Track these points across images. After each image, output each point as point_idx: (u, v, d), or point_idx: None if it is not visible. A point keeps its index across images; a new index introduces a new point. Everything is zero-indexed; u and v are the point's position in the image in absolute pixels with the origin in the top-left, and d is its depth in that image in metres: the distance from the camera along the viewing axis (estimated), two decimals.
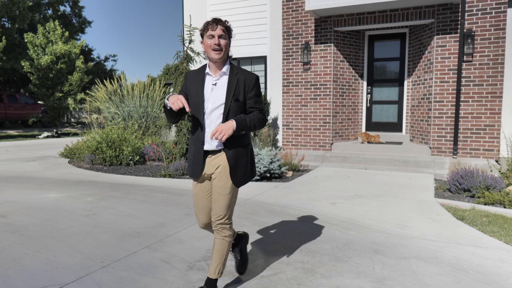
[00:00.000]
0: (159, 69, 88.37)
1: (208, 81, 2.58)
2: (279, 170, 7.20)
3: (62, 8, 29.87)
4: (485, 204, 5.35)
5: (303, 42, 9.44)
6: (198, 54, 9.38)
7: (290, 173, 7.63)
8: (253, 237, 3.90)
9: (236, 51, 11.24)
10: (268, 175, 7.11)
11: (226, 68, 2.58)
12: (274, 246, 3.64)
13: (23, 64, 17.53)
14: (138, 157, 9.09)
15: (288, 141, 9.82)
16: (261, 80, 11.09)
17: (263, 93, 10.16)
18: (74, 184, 6.68)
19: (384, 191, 6.05)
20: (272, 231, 4.07)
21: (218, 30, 2.50)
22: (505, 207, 5.17)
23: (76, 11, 30.77)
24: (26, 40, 17.89)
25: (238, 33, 11.15)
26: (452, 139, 8.09)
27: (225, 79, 2.54)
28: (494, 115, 7.73)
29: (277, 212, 4.82)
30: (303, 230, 4.12)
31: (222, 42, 2.51)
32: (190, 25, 9.37)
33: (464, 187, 5.95)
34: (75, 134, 19.52)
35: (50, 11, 29.12)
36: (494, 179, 5.89)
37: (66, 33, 18.25)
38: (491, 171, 6.55)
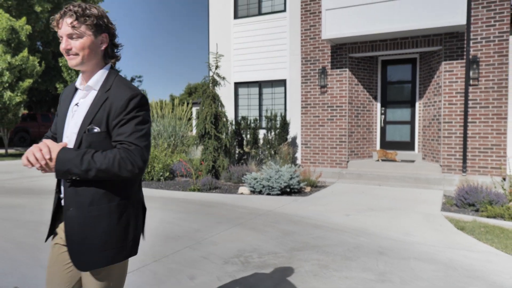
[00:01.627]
0: (181, 89, 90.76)
1: (75, 99, 1.76)
2: (298, 186, 7.87)
3: None
4: (487, 217, 5.87)
5: (320, 67, 10.20)
6: (224, 78, 10.25)
7: (308, 189, 8.28)
8: (277, 240, 4.57)
9: (257, 75, 12.11)
10: (288, 190, 7.78)
11: (96, 80, 1.71)
12: (295, 247, 4.30)
13: (57, 86, 18.81)
14: (168, 173, 9.91)
15: (306, 159, 10.48)
16: (281, 101, 11.88)
17: (281, 114, 10.90)
18: None
19: (395, 205, 6.63)
20: (292, 236, 4.73)
21: (65, 28, 1.66)
22: (504, 220, 5.68)
23: None
24: (60, 64, 19.24)
25: (260, 58, 12.03)
26: (461, 157, 8.61)
27: (91, 98, 1.69)
28: (500, 135, 8.25)
29: (296, 221, 5.49)
30: (319, 235, 4.77)
31: (75, 43, 1.66)
32: (217, 52, 10.27)
33: (469, 202, 6.48)
34: None
35: None
36: (497, 195, 6.40)
37: None
38: (495, 187, 7.04)
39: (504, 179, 8.07)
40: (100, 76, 1.73)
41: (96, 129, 1.63)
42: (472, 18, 8.48)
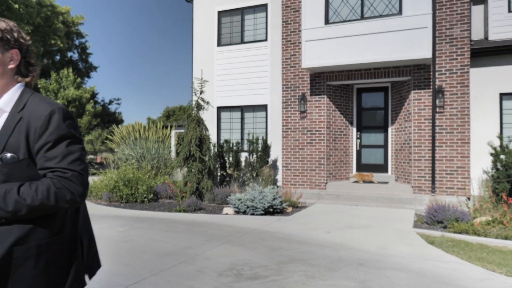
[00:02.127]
0: (159, 112, 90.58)
1: None
2: (280, 206, 8.27)
3: (70, 54, 31.73)
4: (454, 233, 6.42)
5: (300, 94, 10.81)
6: (208, 103, 10.69)
7: (290, 209, 8.69)
8: (266, 255, 4.92)
9: (240, 100, 12.62)
10: (271, 210, 8.16)
11: (6, 101, 1.48)
12: (283, 261, 4.66)
13: None
14: (152, 195, 10.11)
15: (287, 181, 10.92)
16: (262, 125, 12.39)
17: (262, 138, 11.37)
18: (101, 217, 7.66)
19: (371, 223, 7.11)
20: (279, 251, 5.09)
21: None
22: (469, 235, 6.24)
23: (84, 57, 32.64)
24: (39, 86, 19.25)
25: (242, 83, 12.57)
26: (430, 179, 9.27)
27: (1, 121, 1.46)
28: (464, 158, 8.97)
29: (281, 238, 5.86)
30: (304, 250, 5.15)
31: None
32: (202, 78, 10.74)
33: (437, 220, 7.05)
34: None
35: (58, 57, 30.91)
36: (462, 213, 7.00)
37: (78, 79, 19.69)
38: (460, 206, 7.66)
39: (469, 198, 8.74)
40: (11, 95, 1.48)
41: (10, 156, 1.36)
42: (437, 52, 9.33)
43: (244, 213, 8.20)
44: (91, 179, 15.07)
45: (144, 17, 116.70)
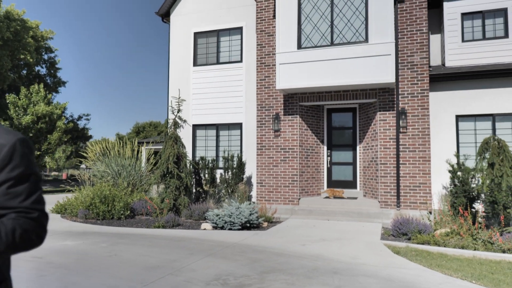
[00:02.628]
0: (128, 127, 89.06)
1: None
2: (257, 221, 8.63)
3: (37, 68, 31.09)
4: (417, 244, 7.00)
5: (274, 113, 11.34)
6: (185, 121, 11.00)
7: (265, 224, 9.06)
8: (248, 266, 5.27)
9: (215, 118, 13.01)
10: (248, 225, 8.51)
11: None
12: (264, 271, 5.02)
13: (2, 123, 18.34)
14: (128, 212, 10.21)
15: (261, 197, 11.32)
16: (237, 143, 12.79)
17: (237, 155, 11.75)
18: (81, 234, 7.74)
19: (343, 236, 7.60)
20: (260, 263, 5.45)
21: None
22: (430, 245, 6.84)
23: (52, 71, 32.06)
24: (8, 101, 18.87)
25: (218, 102, 12.99)
26: (396, 194, 9.94)
27: None
28: (425, 175, 9.72)
29: (260, 251, 6.22)
30: (283, 261, 5.53)
31: None
32: (179, 97, 11.07)
33: (402, 232, 7.63)
34: (52, 192, 20.00)
35: (25, 71, 30.23)
36: (424, 225, 7.62)
37: (50, 95, 19.46)
38: (423, 219, 8.31)
39: (430, 212, 9.44)
40: None
41: None
42: (399, 77, 10.15)
43: (222, 228, 8.50)
44: (64, 196, 14.84)
45: (115, 33, 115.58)
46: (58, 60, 29.80)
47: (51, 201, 14.28)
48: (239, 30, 13.11)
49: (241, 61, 12.94)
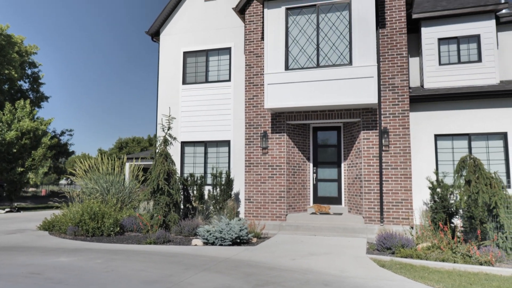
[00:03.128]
0: (110, 143, 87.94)
1: None
2: (247, 237, 8.86)
3: (20, 83, 30.74)
4: (401, 257, 7.36)
5: (262, 131, 11.69)
6: (175, 139, 11.23)
7: (254, 239, 9.29)
8: (243, 279, 5.50)
9: (204, 136, 13.28)
10: (238, 241, 8.72)
11: None
12: (258, 283, 5.26)
13: None
14: (118, 228, 10.27)
15: (249, 213, 11.56)
16: (225, 160, 13.06)
17: (226, 172, 11.98)
18: (73, 251, 7.81)
19: (330, 250, 7.91)
20: (254, 276, 5.69)
21: None
22: (413, 259, 7.21)
23: (35, 86, 31.76)
24: None
25: (206, 120, 13.28)
26: (379, 210, 10.35)
27: None
28: (407, 191, 10.19)
29: (253, 265, 6.46)
30: (275, 275, 5.79)
31: None
32: (169, 115, 11.32)
33: (386, 246, 7.99)
34: (34, 208, 19.70)
35: (6, 86, 29.83)
36: (407, 240, 8.01)
37: (35, 111, 19.36)
38: (405, 234, 8.71)
39: (412, 227, 9.85)
40: None
41: None
42: (382, 98, 10.69)
43: (213, 244, 8.69)
44: (49, 213, 14.70)
45: (103, 49, 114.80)
46: (42, 75, 29.62)
47: (36, 218, 14.16)
48: (227, 50, 13.53)
49: (229, 80, 13.32)
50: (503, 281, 5.68)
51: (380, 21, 11.03)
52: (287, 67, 11.07)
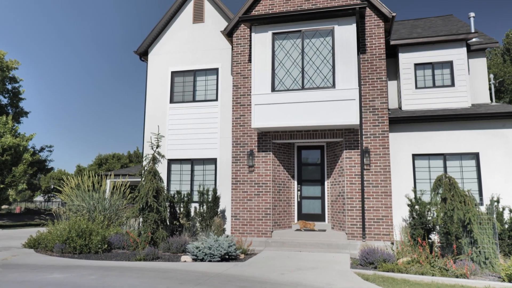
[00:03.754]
0: (90, 159, 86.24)
1: None
2: (235, 253, 9.11)
3: None
4: (383, 271, 7.76)
5: (249, 150, 12.06)
6: (163, 157, 11.45)
7: (242, 256, 9.54)
8: None
9: (190, 153, 13.53)
10: (227, 257, 8.96)
11: None
12: None
13: None
14: (106, 245, 10.32)
15: (236, 230, 11.80)
16: (211, 178, 13.32)
17: (213, 189, 12.23)
18: (65, 267, 7.87)
19: (316, 265, 8.24)
20: None
21: None
22: (394, 273, 7.62)
23: (15, 101, 31.27)
24: None
25: (193, 138, 13.56)
26: (361, 226, 10.78)
27: None
28: (387, 208, 10.68)
29: (244, 280, 6.72)
30: None
31: None
32: (158, 133, 11.57)
33: (369, 261, 8.39)
34: (13, 226, 19.28)
35: None
36: (388, 255, 8.44)
37: (17, 127, 19.18)
38: (386, 249, 9.14)
39: (393, 243, 10.33)
40: None
41: None
42: (363, 119, 11.27)
43: (202, 260, 8.89)
44: (32, 230, 14.51)
45: (84, 64, 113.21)
46: (23, 91, 29.26)
47: (18, 235, 13.96)
48: (215, 70, 13.97)
49: (216, 99, 13.72)
50: None
51: (361, 47, 11.71)
52: (273, 89, 11.55)
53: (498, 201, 9.98)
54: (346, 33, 11.21)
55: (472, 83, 13.04)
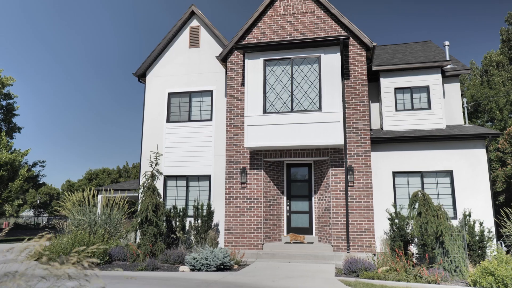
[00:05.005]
0: (80, 174, 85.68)
1: None
2: (229, 263, 9.87)
3: None
4: (364, 279, 8.61)
5: (241, 167, 12.91)
6: (161, 173, 12.23)
7: (236, 266, 10.29)
8: None
9: (186, 170, 14.31)
10: (222, 267, 9.71)
11: None
12: None
13: None
14: (107, 257, 10.97)
15: (229, 242, 12.54)
16: (205, 193, 14.09)
17: (207, 204, 13.01)
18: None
19: (304, 274, 9.05)
20: None
21: None
22: (374, 280, 8.47)
23: (8, 117, 31.65)
24: None
25: (188, 156, 14.36)
26: (346, 239, 11.65)
27: None
28: (370, 222, 11.59)
29: (240, 285, 7.50)
30: None
31: None
32: (157, 151, 12.36)
33: (352, 270, 9.24)
34: (8, 241, 19.62)
35: None
36: (369, 264, 9.30)
37: (12, 143, 19.71)
38: (368, 259, 10.00)
39: (374, 254, 11.20)
40: None
41: None
42: (347, 139, 12.25)
43: (199, 270, 9.62)
44: (28, 245, 14.99)
45: (75, 81, 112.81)
46: (17, 107, 29.74)
47: (17, 249, 14.44)
48: (209, 92, 14.88)
49: (211, 119, 14.59)
50: None
51: (345, 73, 12.78)
52: (265, 111, 12.50)
53: (469, 215, 10.98)
54: (331, 60, 12.28)
55: (447, 106, 14.19)
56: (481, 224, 11.02)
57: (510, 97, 26.97)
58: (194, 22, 15.56)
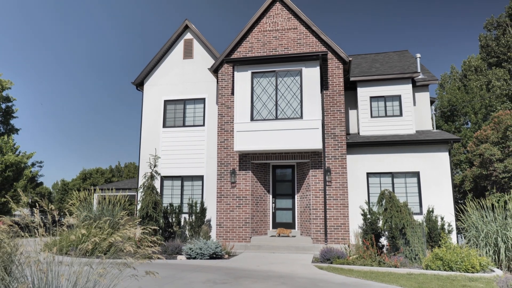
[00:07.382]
0: (74, 174, 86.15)
1: None
2: (221, 253, 11.31)
3: None
4: (336, 264, 10.11)
5: (231, 169, 14.34)
6: (159, 174, 13.60)
7: (226, 256, 11.74)
8: (226, 276, 7.98)
9: (180, 171, 15.69)
10: (215, 256, 11.15)
11: None
12: (237, 277, 7.76)
13: None
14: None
15: (220, 236, 13.98)
16: (199, 192, 15.50)
17: (200, 202, 14.41)
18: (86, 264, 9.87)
19: (285, 261, 10.54)
20: (233, 273, 8.17)
21: None
22: (343, 265, 9.98)
23: (6, 118, 32.59)
24: None
25: (183, 158, 15.74)
26: (324, 232, 13.16)
27: None
28: (345, 217, 13.12)
29: (230, 269, 8.94)
30: (247, 274, 8.31)
31: None
32: (156, 155, 13.73)
33: (327, 258, 10.74)
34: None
35: None
36: (342, 253, 10.82)
37: (18, 146, 20.87)
38: (341, 250, 11.51)
39: (348, 246, 12.70)
40: None
41: None
42: (326, 144, 13.77)
43: (195, 258, 11.04)
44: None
45: (75, 81, 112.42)
46: (16, 110, 30.77)
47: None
48: (202, 100, 16.27)
49: (203, 125, 15.99)
50: (398, 275, 8.56)
51: (324, 84, 14.28)
52: (252, 118, 13.94)
53: (432, 211, 12.56)
54: (312, 73, 13.77)
55: (417, 113, 15.79)
56: (442, 219, 12.59)
57: (485, 101, 28.79)
58: (188, 35, 16.94)
